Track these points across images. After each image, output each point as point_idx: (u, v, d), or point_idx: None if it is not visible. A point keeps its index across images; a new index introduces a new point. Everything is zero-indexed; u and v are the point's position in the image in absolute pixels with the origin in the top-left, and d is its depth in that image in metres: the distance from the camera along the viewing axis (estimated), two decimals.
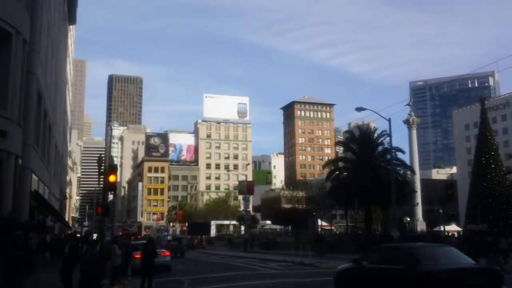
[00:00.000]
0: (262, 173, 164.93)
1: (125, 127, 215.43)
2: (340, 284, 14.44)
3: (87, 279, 14.55)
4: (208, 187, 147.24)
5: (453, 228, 63.39)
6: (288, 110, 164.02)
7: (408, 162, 58.99)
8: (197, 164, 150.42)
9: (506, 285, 11.09)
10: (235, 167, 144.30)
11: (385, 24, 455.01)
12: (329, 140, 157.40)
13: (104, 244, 19.64)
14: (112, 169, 20.74)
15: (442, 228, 47.19)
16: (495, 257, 24.89)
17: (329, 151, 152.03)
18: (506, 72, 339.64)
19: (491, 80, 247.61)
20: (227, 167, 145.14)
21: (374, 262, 12.94)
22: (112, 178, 20.03)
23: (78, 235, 46.06)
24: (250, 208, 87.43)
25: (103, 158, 24.82)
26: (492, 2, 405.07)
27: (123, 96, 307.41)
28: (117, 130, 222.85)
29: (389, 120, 36.45)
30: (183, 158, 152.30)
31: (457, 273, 10.95)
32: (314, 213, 75.33)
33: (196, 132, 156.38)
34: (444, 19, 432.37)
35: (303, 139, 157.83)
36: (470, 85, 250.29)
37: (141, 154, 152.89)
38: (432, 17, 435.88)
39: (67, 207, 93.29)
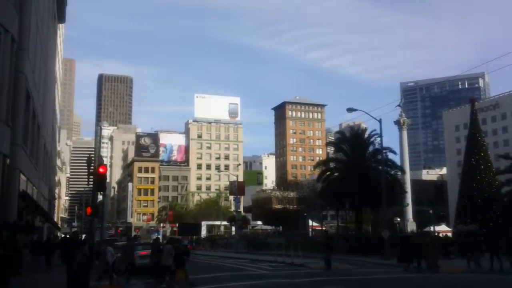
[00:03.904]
0: (253, 173, 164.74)
1: (115, 127, 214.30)
2: None
3: (76, 279, 14.38)
4: (199, 188, 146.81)
5: (443, 228, 63.69)
6: (280, 111, 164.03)
7: (398, 162, 59.32)
8: (187, 165, 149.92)
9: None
10: (226, 167, 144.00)
11: (376, 26, 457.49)
12: (320, 141, 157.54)
13: (94, 244, 19.66)
14: (101, 163, 20.76)
15: (432, 228, 47.39)
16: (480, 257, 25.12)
17: (320, 152, 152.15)
18: (495, 74, 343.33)
19: (481, 81, 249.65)
20: (218, 168, 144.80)
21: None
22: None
23: (67, 236, 45.59)
24: (241, 209, 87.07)
25: (93, 158, 24.57)
26: (482, 5, 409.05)
27: (113, 96, 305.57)
28: (107, 130, 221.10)
29: (380, 121, 36.63)
30: (173, 158, 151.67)
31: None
32: (305, 214, 75.49)
33: (187, 133, 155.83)
34: (434, 21, 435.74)
35: (294, 139, 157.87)
36: (460, 87, 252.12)
37: (131, 154, 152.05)
38: (422, 19, 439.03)
39: (56, 208, 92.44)
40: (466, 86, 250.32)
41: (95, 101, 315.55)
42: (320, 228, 76.07)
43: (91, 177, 23.19)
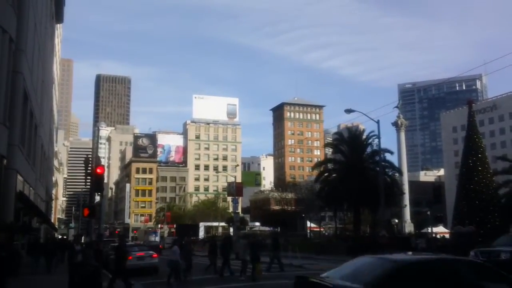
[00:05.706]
0: (251, 174, 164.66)
1: (113, 128, 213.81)
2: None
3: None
4: (197, 189, 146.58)
5: (440, 229, 63.78)
6: (278, 112, 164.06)
7: (396, 164, 59.34)
8: (185, 165, 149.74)
9: None
10: (224, 168, 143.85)
11: (374, 27, 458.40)
12: (318, 142, 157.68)
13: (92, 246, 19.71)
14: (98, 163, 20.72)
15: (429, 229, 47.46)
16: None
17: (319, 153, 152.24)
18: (493, 75, 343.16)
19: (478, 83, 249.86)
20: (216, 169, 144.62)
21: None
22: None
23: (65, 237, 45.43)
24: (239, 210, 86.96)
25: (90, 159, 24.51)
26: (479, 6, 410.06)
27: (111, 96, 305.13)
28: (105, 131, 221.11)
29: (378, 122, 36.61)
30: (171, 159, 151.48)
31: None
32: (303, 215, 75.42)
33: (185, 133, 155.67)
34: (432, 23, 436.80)
35: (293, 140, 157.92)
36: (458, 88, 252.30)
37: (129, 155, 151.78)
38: (420, 21, 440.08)
39: (53, 209, 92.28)
40: (464, 88, 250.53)
41: (92, 102, 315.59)
42: (318, 229, 76.05)
43: (89, 177, 23.13)
